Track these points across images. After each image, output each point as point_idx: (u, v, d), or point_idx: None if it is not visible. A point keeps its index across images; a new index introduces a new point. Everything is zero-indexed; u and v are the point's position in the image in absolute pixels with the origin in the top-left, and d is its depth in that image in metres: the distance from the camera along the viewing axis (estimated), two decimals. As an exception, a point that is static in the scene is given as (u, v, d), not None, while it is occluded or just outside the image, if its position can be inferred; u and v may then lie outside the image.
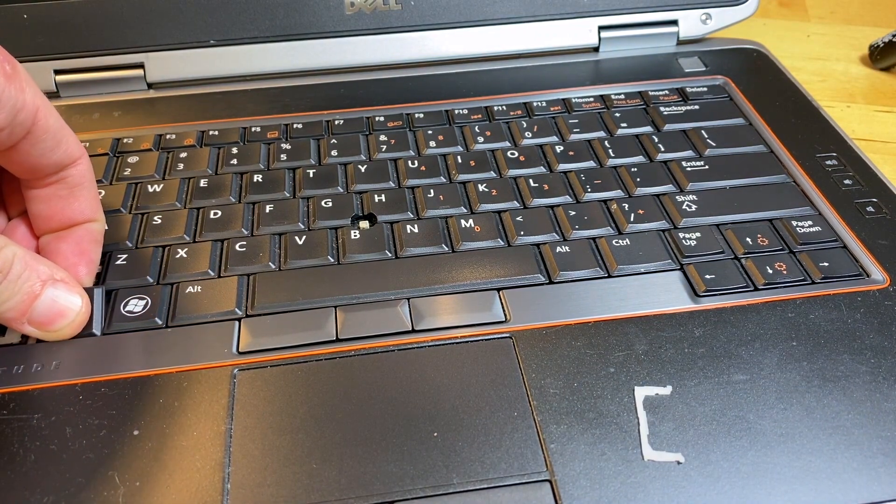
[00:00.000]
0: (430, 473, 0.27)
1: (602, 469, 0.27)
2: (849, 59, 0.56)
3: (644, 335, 0.31)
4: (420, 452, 0.27)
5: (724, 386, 0.29)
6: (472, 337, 0.31)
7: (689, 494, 0.26)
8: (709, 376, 0.29)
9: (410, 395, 0.29)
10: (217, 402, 0.29)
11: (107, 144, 0.42)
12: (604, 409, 0.28)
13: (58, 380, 0.30)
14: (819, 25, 0.60)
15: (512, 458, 0.27)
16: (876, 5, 0.62)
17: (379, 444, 0.27)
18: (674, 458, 0.27)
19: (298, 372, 0.30)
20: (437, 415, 0.28)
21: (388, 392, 0.29)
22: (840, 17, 0.61)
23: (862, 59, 0.56)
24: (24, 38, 0.44)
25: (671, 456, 0.27)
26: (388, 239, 0.36)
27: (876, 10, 0.61)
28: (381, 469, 0.27)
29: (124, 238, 0.36)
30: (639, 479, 0.26)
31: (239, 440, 0.28)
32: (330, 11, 0.46)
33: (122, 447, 0.27)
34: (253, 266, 0.34)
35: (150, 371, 0.30)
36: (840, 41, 0.58)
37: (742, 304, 0.32)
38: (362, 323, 0.32)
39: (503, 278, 0.33)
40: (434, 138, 0.42)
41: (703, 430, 0.28)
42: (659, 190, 0.38)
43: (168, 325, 0.32)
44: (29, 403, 0.29)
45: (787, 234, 0.35)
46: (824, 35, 0.58)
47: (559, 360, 0.30)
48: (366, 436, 0.28)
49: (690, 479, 0.26)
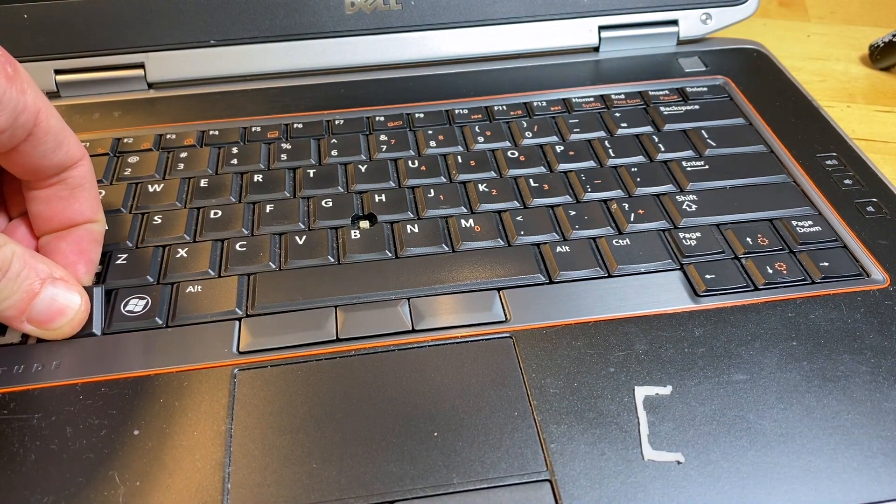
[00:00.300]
0: (431, 473, 0.27)
1: (602, 469, 0.27)
2: (849, 59, 0.56)
3: (644, 335, 0.31)
4: (420, 452, 0.27)
5: (725, 386, 0.29)
6: (473, 337, 0.31)
7: (689, 494, 0.26)
8: (709, 376, 0.29)
9: (410, 394, 0.29)
10: (217, 401, 0.29)
11: (107, 144, 0.42)
12: (604, 408, 0.28)
13: (58, 380, 0.30)
14: (819, 25, 0.60)
15: (512, 458, 0.27)
16: (876, 5, 0.62)
17: (379, 444, 0.27)
18: (674, 457, 0.27)
19: (298, 372, 0.30)
20: (438, 415, 0.28)
21: (389, 392, 0.29)
22: (840, 17, 0.61)
23: (862, 59, 0.56)
24: (24, 38, 0.44)
25: (671, 456, 0.27)
26: (389, 239, 0.36)
27: (876, 10, 0.61)
28: (381, 469, 0.27)
29: (125, 238, 0.36)
30: (639, 479, 0.26)
31: (239, 440, 0.28)
32: (330, 11, 0.46)
33: (123, 447, 0.27)
34: (253, 266, 0.34)
35: (151, 371, 0.30)
36: (840, 41, 0.58)
37: (742, 304, 0.32)
38: (362, 323, 0.32)
39: (503, 278, 0.33)
40: (434, 138, 0.42)
41: (704, 430, 0.28)
42: (659, 190, 0.38)
43: (168, 325, 0.32)
44: (29, 403, 0.29)
45: (787, 233, 0.35)
46: (824, 35, 0.58)
47: (559, 359, 0.30)
48: (366, 436, 0.28)
49: (690, 478, 0.26)
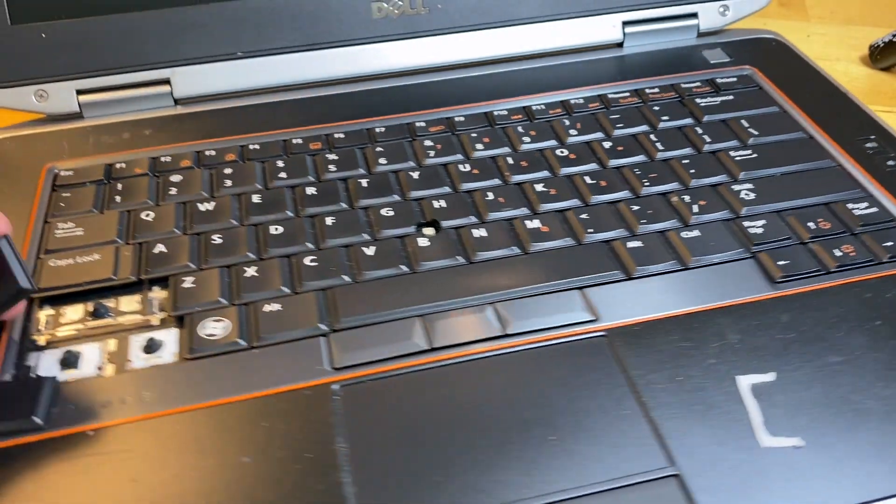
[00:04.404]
0: (557, 478, 0.26)
1: (723, 459, 0.27)
2: (849, 59, 0.57)
3: (734, 324, 0.31)
4: (541, 458, 0.27)
5: (823, 369, 0.30)
6: (566, 338, 0.31)
7: (814, 476, 0.26)
8: (805, 360, 0.30)
9: (516, 400, 0.29)
10: (323, 420, 0.28)
11: (144, 164, 0.40)
12: (711, 400, 0.29)
13: (151, 411, 0.29)
14: (819, 25, 0.61)
15: (633, 457, 0.27)
16: (876, 5, 0.63)
17: (498, 452, 0.27)
18: (791, 442, 0.27)
19: (399, 384, 0.29)
20: (548, 419, 0.28)
21: (494, 399, 0.29)
22: (840, 17, 0.62)
23: (862, 59, 0.57)
24: (43, 58, 0.43)
25: (789, 441, 0.27)
26: (457, 244, 0.35)
27: (876, 10, 0.62)
28: (507, 477, 0.26)
29: (186, 260, 0.34)
30: (761, 466, 0.26)
31: (356, 459, 0.27)
32: (357, 18, 0.46)
33: (236, 476, 0.26)
34: (327, 280, 0.33)
35: (247, 395, 0.29)
36: (840, 41, 0.59)
37: (819, 288, 0.33)
38: (453, 331, 0.31)
39: (582, 277, 0.33)
40: (479, 141, 0.42)
41: (813, 414, 0.28)
42: (714, 180, 0.39)
43: (253, 347, 0.31)
44: (126, 438, 0.28)
45: (845, 216, 0.36)
46: (824, 35, 0.59)
47: (657, 355, 0.30)
48: (482, 445, 0.27)
49: (812, 461, 0.27)
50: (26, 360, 0.31)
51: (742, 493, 0.26)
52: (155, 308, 0.33)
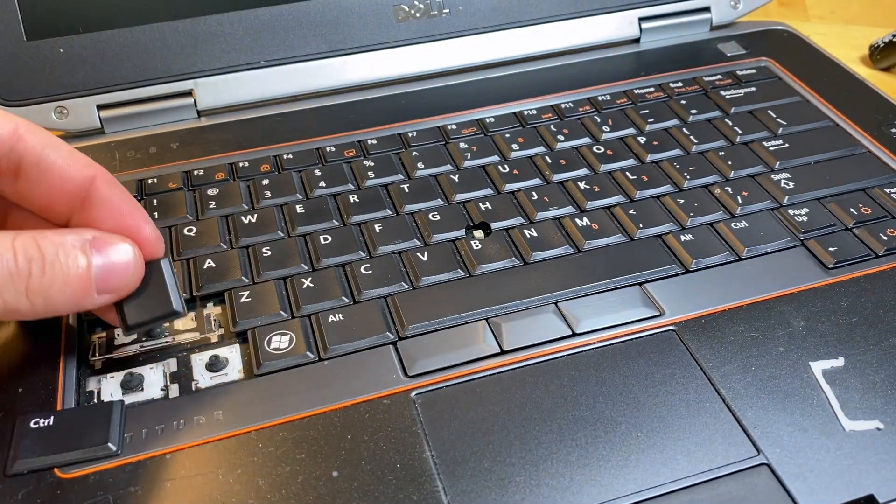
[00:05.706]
0: (649, 474, 0.26)
1: (809, 445, 0.27)
2: (849, 59, 0.57)
3: (796, 312, 0.32)
4: (631, 455, 0.27)
5: (890, 350, 0.30)
6: (635, 334, 0.31)
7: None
8: (872, 344, 0.30)
9: (595, 399, 0.29)
10: (408, 429, 0.28)
11: (177, 178, 0.39)
12: (787, 388, 0.29)
13: (228, 430, 0.28)
14: (819, 25, 0.62)
15: (720, 448, 0.27)
16: (876, 5, 0.64)
17: (586, 451, 0.27)
18: (873, 425, 0.28)
19: (477, 388, 0.29)
20: (630, 416, 0.28)
21: (573, 399, 0.29)
22: (840, 17, 0.62)
23: (862, 59, 0.57)
24: (62, 73, 0.41)
25: (870, 424, 0.28)
26: (511, 245, 0.35)
27: (876, 10, 0.63)
28: (599, 477, 0.26)
29: (239, 275, 0.34)
30: (847, 450, 0.27)
31: (446, 466, 0.27)
32: (379, 22, 0.45)
33: (328, 492, 0.26)
34: (385, 288, 0.33)
35: (324, 408, 0.29)
36: (840, 41, 0.59)
37: (872, 272, 0.34)
38: (522, 332, 0.31)
39: (641, 273, 0.34)
40: (514, 141, 0.42)
41: (889, 395, 0.29)
42: (752, 171, 0.39)
43: (322, 358, 0.31)
44: (208, 459, 0.27)
45: (884, 201, 0.37)
46: (824, 35, 0.60)
47: (727, 345, 0.31)
48: (570, 445, 0.27)
49: (894, 442, 0.27)
50: (86, 384, 0.30)
51: (832, 478, 0.26)
52: (212, 325, 0.32)
